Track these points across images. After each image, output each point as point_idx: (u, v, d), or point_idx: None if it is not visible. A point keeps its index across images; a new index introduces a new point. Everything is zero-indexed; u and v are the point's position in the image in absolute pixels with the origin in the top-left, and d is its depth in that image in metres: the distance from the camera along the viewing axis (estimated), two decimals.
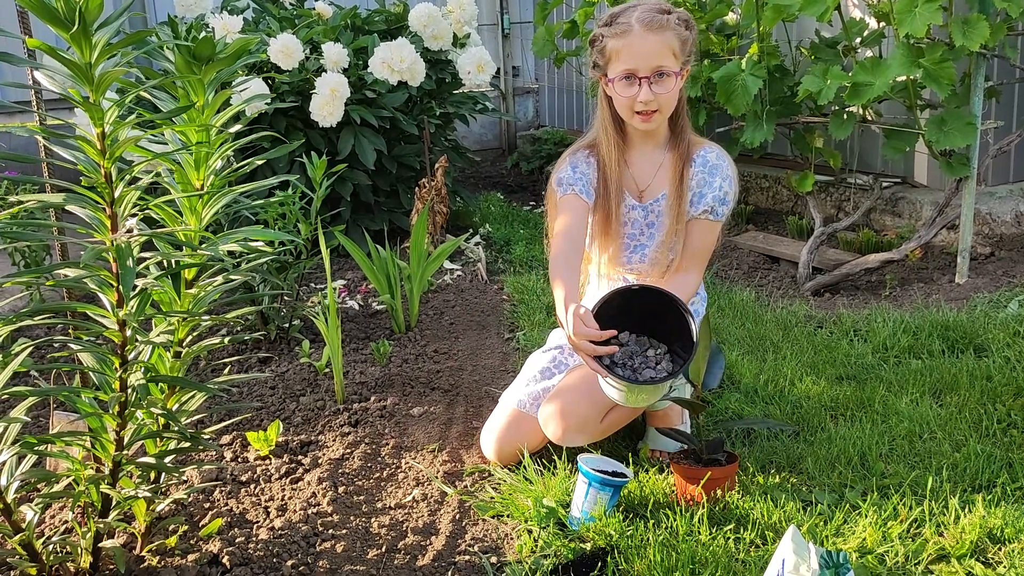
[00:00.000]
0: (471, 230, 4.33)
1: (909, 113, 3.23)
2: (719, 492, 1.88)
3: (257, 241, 1.69)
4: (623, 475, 1.86)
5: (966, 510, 1.79)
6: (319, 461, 2.17)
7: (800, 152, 3.76)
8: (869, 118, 3.42)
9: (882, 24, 3.27)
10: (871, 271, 3.39)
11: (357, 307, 3.37)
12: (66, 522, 1.88)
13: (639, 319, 1.90)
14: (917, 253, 3.41)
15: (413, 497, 2.01)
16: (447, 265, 3.82)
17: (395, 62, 3.77)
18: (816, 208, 3.64)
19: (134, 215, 1.56)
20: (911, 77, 2.97)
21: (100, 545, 1.68)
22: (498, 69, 6.22)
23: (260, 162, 1.69)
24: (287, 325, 2.98)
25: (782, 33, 3.70)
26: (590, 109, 5.71)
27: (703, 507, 1.81)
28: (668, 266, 2.14)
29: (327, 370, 2.67)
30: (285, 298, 2.99)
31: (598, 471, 1.82)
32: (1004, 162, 3.77)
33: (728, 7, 3.77)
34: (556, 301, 1.91)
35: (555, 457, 2.07)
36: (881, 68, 2.98)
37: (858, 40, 3.33)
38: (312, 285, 3.53)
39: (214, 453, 2.20)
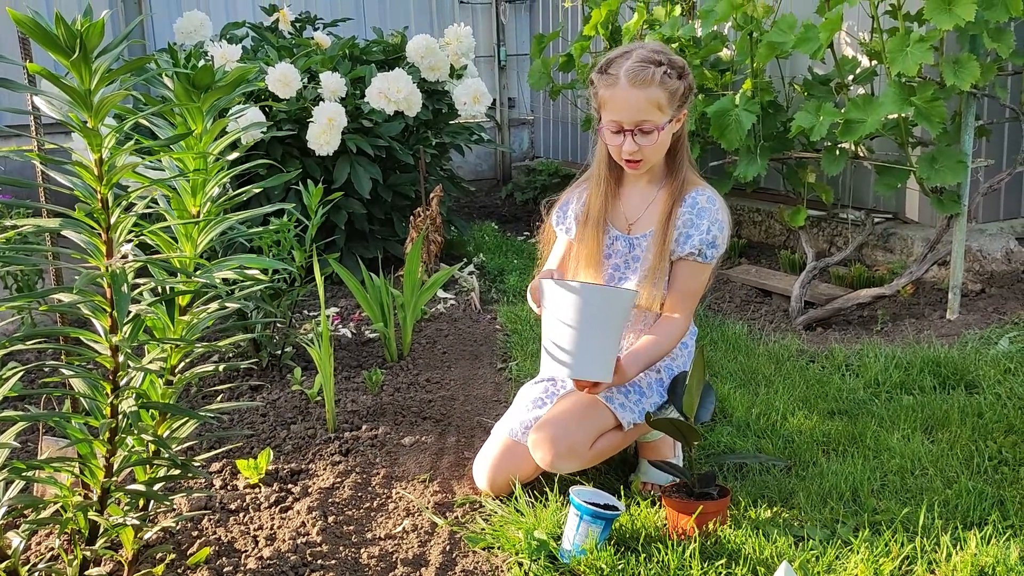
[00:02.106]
0: (465, 259, 4.34)
1: (901, 150, 3.26)
2: (711, 526, 1.87)
3: (252, 269, 1.69)
4: (615, 508, 1.85)
5: (958, 547, 1.78)
6: (309, 490, 2.15)
7: (793, 187, 3.78)
8: (861, 154, 3.45)
9: (874, 62, 3.31)
10: (863, 306, 3.41)
11: (350, 335, 3.37)
12: (52, 549, 1.86)
13: None
14: (909, 289, 3.43)
15: (403, 528, 2.00)
16: (440, 294, 3.82)
17: (392, 92, 3.80)
18: (808, 243, 3.66)
19: (129, 241, 1.56)
20: (903, 115, 3.00)
21: (86, 573, 1.66)
22: (494, 100, 6.27)
23: (257, 190, 1.70)
24: (279, 352, 2.98)
25: (775, 69, 3.74)
26: (585, 141, 5.75)
27: (695, 541, 1.80)
28: (653, 303, 2.12)
29: (319, 398, 2.66)
30: (278, 325, 2.99)
31: (590, 503, 1.81)
32: (994, 200, 3.80)
33: (722, 43, 3.82)
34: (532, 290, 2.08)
35: (547, 489, 2.06)
36: (873, 105, 3.02)
37: (850, 78, 3.37)
38: (305, 312, 3.52)
39: (203, 481, 2.19)
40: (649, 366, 2.07)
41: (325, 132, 3.65)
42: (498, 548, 1.89)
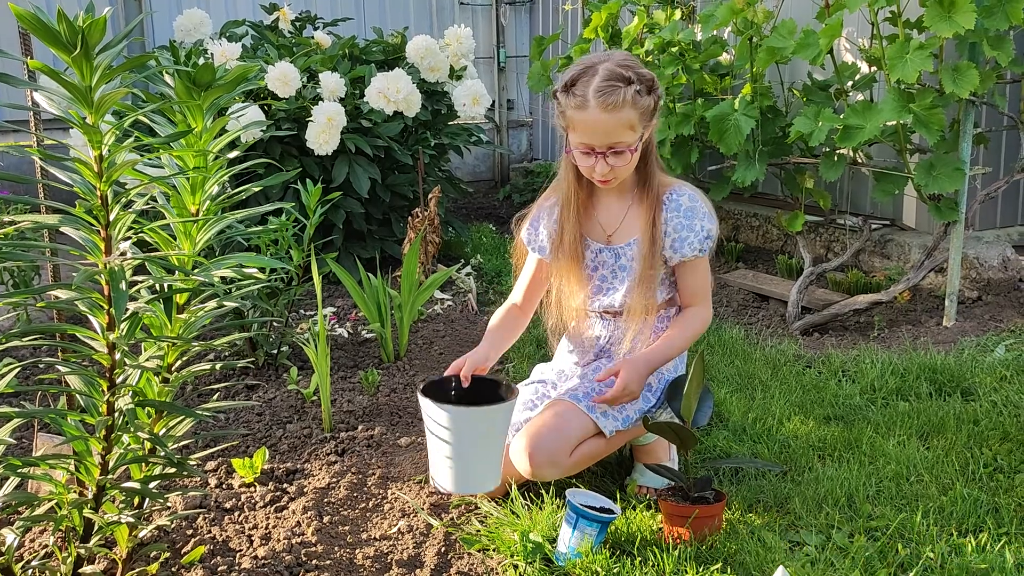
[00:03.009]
0: (462, 260, 4.33)
1: (899, 157, 3.27)
2: (706, 531, 1.87)
3: (250, 268, 1.69)
4: (611, 511, 1.85)
5: (953, 555, 1.79)
6: (304, 490, 2.15)
7: (791, 192, 3.79)
8: (859, 160, 3.45)
9: (873, 69, 3.31)
10: (860, 312, 3.41)
11: (346, 335, 3.36)
12: (46, 546, 1.86)
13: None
14: (905, 295, 3.43)
15: (399, 529, 2.00)
16: (437, 295, 3.82)
17: (391, 93, 3.79)
18: (806, 248, 3.67)
19: (128, 238, 1.56)
20: (901, 122, 3.01)
21: (80, 571, 1.66)
22: (493, 102, 6.27)
23: (256, 189, 1.70)
24: (276, 351, 2.97)
25: (775, 74, 3.75)
26: None
27: (690, 545, 1.80)
28: (648, 311, 2.11)
29: (315, 398, 2.65)
30: (274, 324, 2.99)
31: (585, 506, 1.81)
32: (991, 207, 3.81)
33: (722, 48, 3.82)
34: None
35: (542, 491, 2.06)
36: (872, 112, 3.02)
37: (850, 84, 3.38)
38: (302, 311, 3.52)
39: (199, 479, 2.18)
40: (672, 356, 2.08)
41: (324, 132, 3.65)
42: (493, 550, 1.89)
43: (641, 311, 2.10)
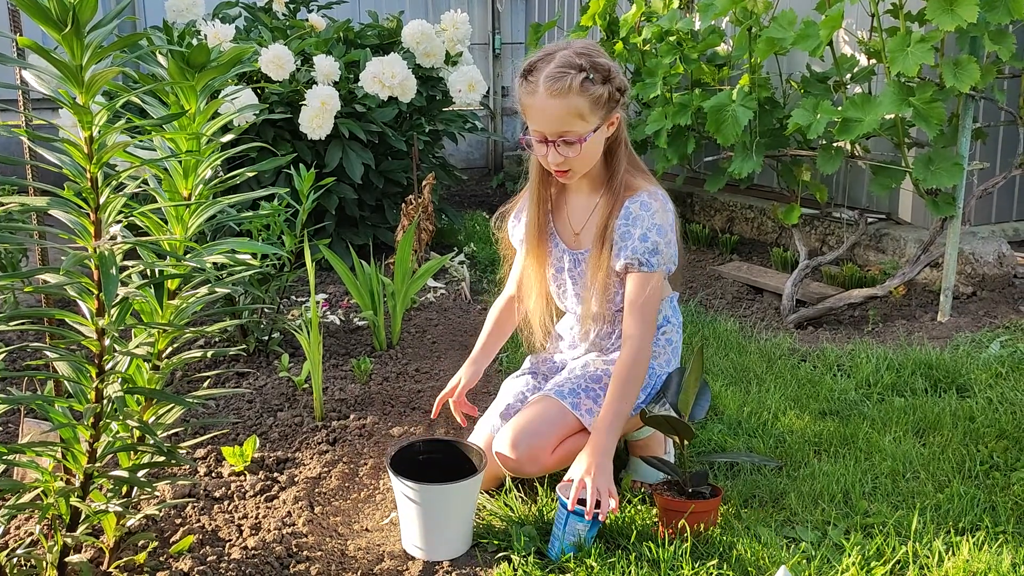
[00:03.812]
0: (455, 248, 4.30)
1: (896, 150, 3.25)
2: (702, 526, 1.85)
3: (243, 253, 1.65)
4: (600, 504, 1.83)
5: (950, 553, 1.77)
6: (295, 479, 2.12)
7: (788, 184, 3.77)
8: (857, 154, 3.43)
9: (872, 61, 3.29)
10: (854, 306, 3.40)
11: (338, 322, 3.33)
12: (32, 534, 1.83)
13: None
14: (901, 290, 3.42)
15: (391, 520, 1.97)
16: (431, 283, 3.79)
17: (387, 77, 3.75)
18: (801, 241, 3.65)
19: (118, 222, 1.52)
20: (900, 115, 2.99)
21: (67, 560, 1.63)
22: (488, 88, 6.22)
23: (251, 174, 1.66)
24: (267, 338, 2.94)
25: (773, 65, 3.72)
26: None
27: (686, 541, 1.79)
28: (602, 320, 2.08)
29: (306, 385, 2.62)
30: (266, 310, 2.95)
31: (579, 501, 1.78)
32: (986, 203, 3.80)
33: (720, 38, 3.79)
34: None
35: (536, 484, 2.03)
36: (871, 105, 3.00)
37: (848, 76, 3.35)
38: (293, 298, 3.48)
39: (188, 468, 2.15)
40: (629, 408, 1.93)
41: (318, 116, 3.60)
42: (486, 543, 1.86)
43: (591, 318, 2.08)
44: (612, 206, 1.98)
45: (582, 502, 1.79)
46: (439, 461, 1.94)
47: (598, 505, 1.77)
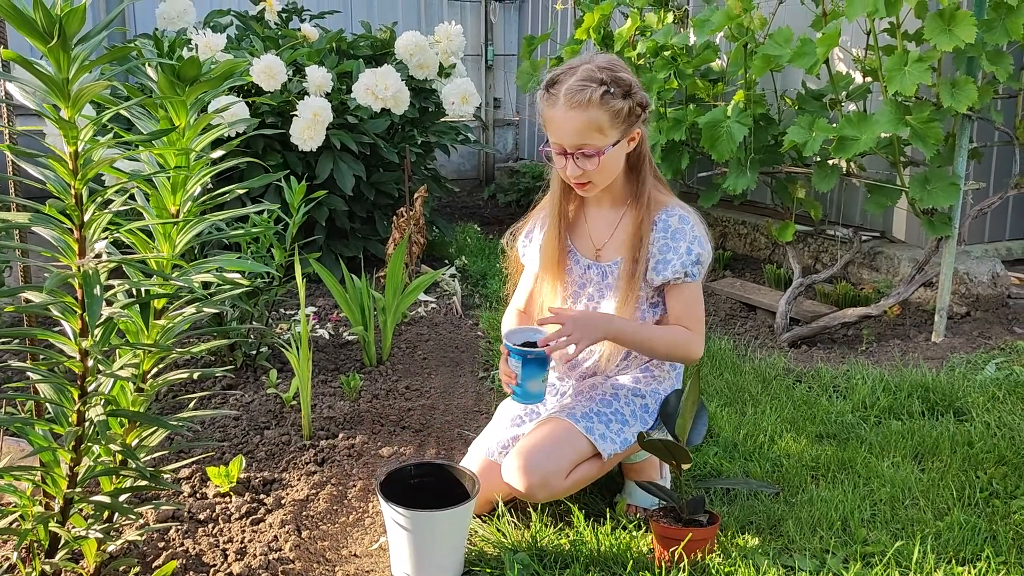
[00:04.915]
0: (447, 261, 4.26)
1: (892, 169, 3.23)
2: (699, 553, 1.81)
3: (232, 272, 1.61)
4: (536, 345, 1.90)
5: None
6: (282, 501, 2.07)
7: (782, 201, 3.75)
8: (852, 172, 3.42)
9: (868, 79, 3.27)
10: (848, 325, 3.38)
11: (327, 336, 3.28)
12: (9, 559, 1.77)
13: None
14: (895, 309, 3.40)
15: (380, 545, 1.92)
16: (422, 297, 3.74)
17: (379, 89, 3.71)
18: (795, 258, 3.63)
19: (103, 239, 1.48)
20: (897, 134, 2.97)
21: None
22: (480, 100, 6.20)
23: (241, 191, 1.62)
24: (255, 353, 2.89)
25: (768, 82, 3.70)
26: None
27: (683, 571, 1.75)
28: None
29: (294, 402, 2.57)
30: (253, 324, 2.90)
31: (526, 344, 1.90)
32: (980, 222, 3.79)
33: (715, 53, 3.77)
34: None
35: (530, 509, 1.99)
36: (867, 123, 2.98)
37: (844, 94, 3.34)
38: (282, 311, 3.43)
39: (171, 491, 2.10)
40: (640, 347, 1.98)
41: (309, 127, 3.56)
42: (479, 571, 1.82)
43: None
44: (642, 220, 1.99)
45: (529, 344, 1.89)
46: (431, 485, 1.90)
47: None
